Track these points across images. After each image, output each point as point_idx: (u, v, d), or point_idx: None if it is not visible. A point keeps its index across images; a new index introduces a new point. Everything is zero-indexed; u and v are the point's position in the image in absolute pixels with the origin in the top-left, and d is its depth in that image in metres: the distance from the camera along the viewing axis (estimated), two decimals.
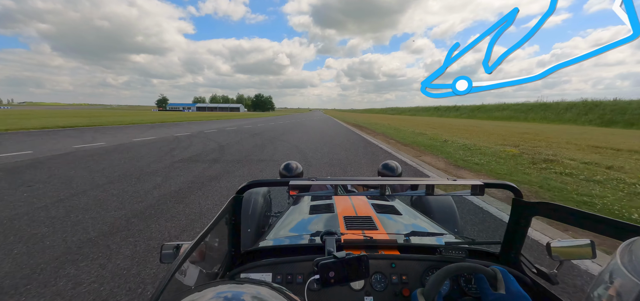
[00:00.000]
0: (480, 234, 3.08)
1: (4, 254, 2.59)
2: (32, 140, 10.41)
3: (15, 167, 6.01)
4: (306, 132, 16.36)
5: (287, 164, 2.62)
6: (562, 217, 0.87)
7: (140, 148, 8.92)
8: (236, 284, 0.50)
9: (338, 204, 1.67)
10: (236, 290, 0.47)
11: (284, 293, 0.48)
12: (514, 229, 1.05)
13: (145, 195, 4.33)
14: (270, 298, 0.46)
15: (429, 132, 16.44)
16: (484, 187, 0.91)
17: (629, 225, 0.70)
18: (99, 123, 20.31)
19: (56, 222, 3.30)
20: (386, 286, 1.02)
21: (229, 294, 0.45)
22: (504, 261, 1.09)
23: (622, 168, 6.22)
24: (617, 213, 3.68)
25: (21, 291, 2.09)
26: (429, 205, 2.00)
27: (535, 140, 12.33)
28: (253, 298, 0.45)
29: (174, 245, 0.87)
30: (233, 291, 0.46)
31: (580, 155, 8.02)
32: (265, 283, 0.52)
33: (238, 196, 0.99)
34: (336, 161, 7.62)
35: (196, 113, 76.67)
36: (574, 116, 30.67)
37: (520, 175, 5.82)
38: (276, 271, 1.03)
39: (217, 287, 0.48)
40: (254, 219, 1.92)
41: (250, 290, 0.47)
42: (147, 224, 3.29)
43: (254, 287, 0.49)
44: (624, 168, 6.28)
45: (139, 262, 2.49)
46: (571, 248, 0.89)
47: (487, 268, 0.87)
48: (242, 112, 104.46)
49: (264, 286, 0.49)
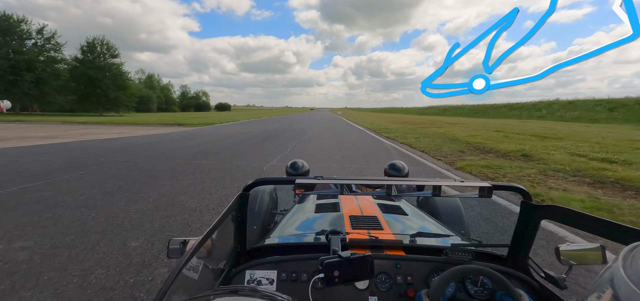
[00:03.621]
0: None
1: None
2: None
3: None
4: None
5: (293, 162, 2.64)
6: (571, 220, 0.85)
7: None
8: (235, 297, 0.49)
9: (344, 203, 1.68)
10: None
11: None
12: (522, 232, 1.03)
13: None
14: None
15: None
16: (492, 189, 0.90)
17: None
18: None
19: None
20: (391, 287, 1.02)
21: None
22: (511, 265, 1.08)
23: None
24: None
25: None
26: (435, 206, 1.99)
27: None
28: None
29: (181, 241, 0.90)
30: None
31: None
32: (269, 295, 0.50)
33: (244, 193, 1.01)
34: None
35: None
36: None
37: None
38: (281, 269, 1.04)
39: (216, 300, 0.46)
40: (260, 217, 1.95)
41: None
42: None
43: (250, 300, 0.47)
44: None
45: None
46: (581, 252, 0.87)
47: (495, 273, 0.85)
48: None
49: (260, 298, 0.47)
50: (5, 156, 7.38)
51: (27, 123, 20.05)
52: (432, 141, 11.57)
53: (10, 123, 19.05)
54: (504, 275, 0.87)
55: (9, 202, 3.88)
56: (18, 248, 2.64)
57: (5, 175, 5.36)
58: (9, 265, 2.36)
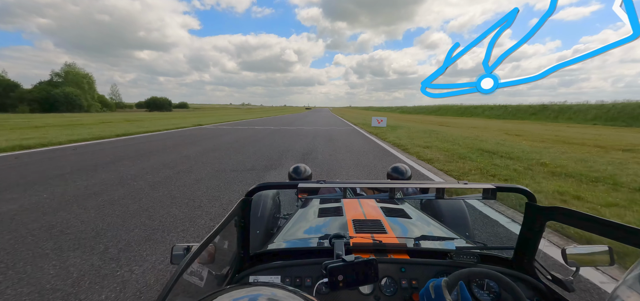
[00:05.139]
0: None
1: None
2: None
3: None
4: None
5: (296, 167, 2.64)
6: (577, 222, 0.84)
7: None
8: (250, 288, 0.50)
9: (347, 207, 1.68)
10: (252, 294, 0.46)
11: (299, 294, 0.47)
12: (527, 234, 1.02)
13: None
14: (286, 299, 0.45)
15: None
16: (495, 191, 0.89)
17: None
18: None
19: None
20: (396, 291, 1.01)
21: (245, 299, 0.44)
22: (517, 267, 1.07)
23: None
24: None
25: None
26: (439, 209, 1.98)
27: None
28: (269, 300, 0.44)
29: (184, 247, 0.90)
30: (250, 295, 0.46)
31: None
32: (280, 286, 0.51)
33: (247, 198, 1.01)
34: None
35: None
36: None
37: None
38: (285, 274, 1.04)
39: (231, 292, 0.47)
40: (263, 221, 1.95)
41: (266, 292, 0.46)
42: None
43: (269, 289, 0.48)
44: None
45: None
46: (588, 254, 0.86)
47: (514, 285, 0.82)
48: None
49: (279, 289, 0.48)
50: None
51: None
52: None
53: None
54: (510, 277, 0.86)
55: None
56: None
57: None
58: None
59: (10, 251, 2.57)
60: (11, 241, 2.75)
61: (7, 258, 2.46)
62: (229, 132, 14.53)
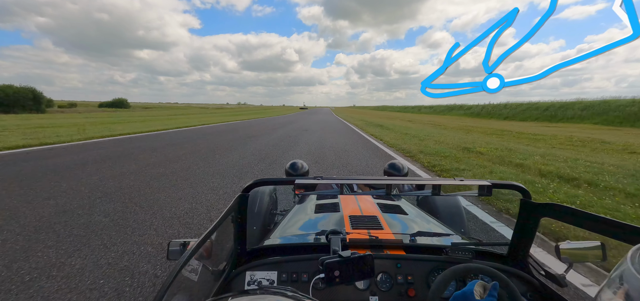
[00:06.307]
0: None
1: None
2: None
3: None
4: None
5: (293, 163, 2.64)
6: (571, 219, 0.85)
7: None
8: (255, 296, 0.48)
9: (344, 203, 1.68)
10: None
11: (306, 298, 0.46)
12: (522, 230, 1.03)
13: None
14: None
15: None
16: (491, 188, 0.90)
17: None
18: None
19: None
20: (391, 286, 1.02)
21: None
22: (511, 263, 1.08)
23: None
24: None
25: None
26: (435, 205, 1.99)
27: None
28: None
29: (181, 242, 0.89)
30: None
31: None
32: (282, 291, 0.50)
33: (244, 194, 1.00)
34: None
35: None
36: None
37: None
38: (281, 270, 1.04)
39: (238, 300, 0.46)
40: (260, 217, 1.95)
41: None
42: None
43: (275, 298, 0.47)
44: None
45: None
46: (581, 250, 0.87)
47: (498, 272, 0.85)
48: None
49: (281, 297, 0.47)
50: None
51: None
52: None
53: None
54: (504, 273, 0.87)
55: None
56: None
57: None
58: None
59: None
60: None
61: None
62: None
